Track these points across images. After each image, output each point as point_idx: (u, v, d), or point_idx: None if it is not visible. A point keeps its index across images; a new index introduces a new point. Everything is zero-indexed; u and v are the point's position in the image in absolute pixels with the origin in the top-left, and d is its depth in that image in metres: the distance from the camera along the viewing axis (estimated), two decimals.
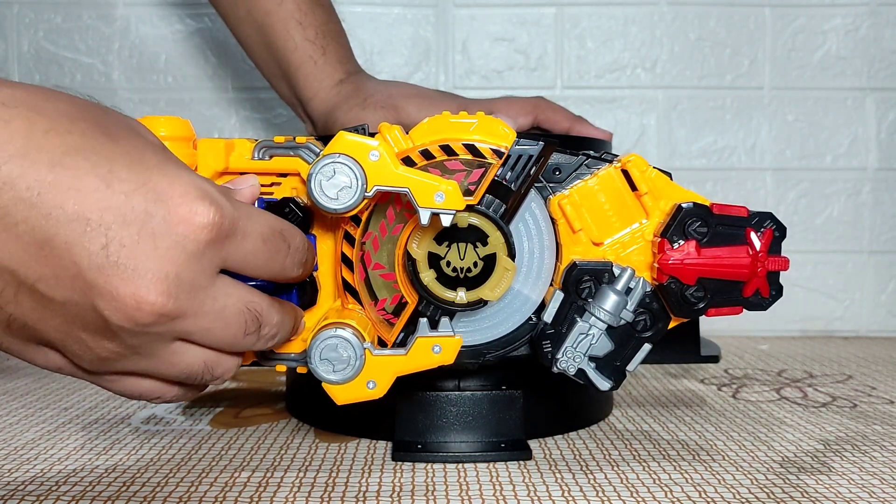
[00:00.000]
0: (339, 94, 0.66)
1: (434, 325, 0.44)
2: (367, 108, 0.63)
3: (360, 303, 0.45)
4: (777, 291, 0.46)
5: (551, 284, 0.47)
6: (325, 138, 0.45)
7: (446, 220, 0.40)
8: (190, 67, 0.90)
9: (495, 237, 0.43)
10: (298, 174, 0.44)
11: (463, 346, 0.44)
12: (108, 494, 0.42)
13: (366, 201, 0.41)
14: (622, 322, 0.45)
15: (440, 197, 0.40)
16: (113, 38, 0.89)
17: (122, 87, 0.89)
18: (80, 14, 0.89)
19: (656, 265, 0.45)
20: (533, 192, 0.46)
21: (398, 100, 0.63)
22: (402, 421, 0.49)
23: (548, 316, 0.45)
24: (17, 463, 0.47)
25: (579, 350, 0.45)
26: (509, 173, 0.44)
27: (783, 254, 0.46)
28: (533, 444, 0.51)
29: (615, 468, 0.46)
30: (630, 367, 0.46)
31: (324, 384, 0.42)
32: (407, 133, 0.44)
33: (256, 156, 0.44)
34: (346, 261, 0.45)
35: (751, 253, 0.45)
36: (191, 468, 0.46)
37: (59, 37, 0.89)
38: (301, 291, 0.44)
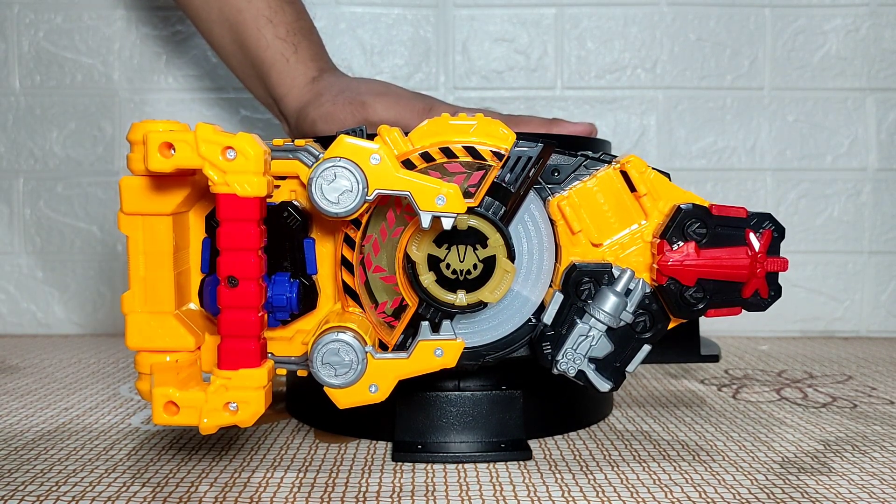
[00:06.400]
0: (312, 90, 0.66)
1: (436, 328, 0.44)
2: (337, 104, 0.63)
3: (361, 306, 0.45)
4: (776, 292, 0.46)
5: (551, 286, 0.47)
6: (323, 140, 0.45)
7: (447, 224, 0.41)
8: (190, 68, 0.90)
9: (495, 239, 0.43)
10: (297, 177, 0.45)
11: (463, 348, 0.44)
12: (108, 494, 0.42)
13: (366, 205, 0.41)
14: (622, 323, 0.45)
15: (441, 200, 0.40)
16: (113, 38, 0.89)
17: (123, 87, 0.89)
18: (80, 14, 0.89)
19: (655, 266, 0.45)
20: (532, 194, 0.46)
21: (366, 97, 0.63)
22: (402, 421, 0.50)
23: (547, 317, 0.46)
24: (18, 463, 0.47)
25: (579, 351, 0.45)
26: (508, 175, 0.44)
27: (783, 254, 0.46)
28: (533, 444, 0.51)
29: (615, 468, 0.47)
30: (630, 368, 0.46)
31: (325, 388, 0.43)
32: (406, 135, 0.44)
33: None
34: (346, 264, 0.45)
35: (750, 254, 0.45)
36: (191, 468, 0.46)
37: (59, 37, 0.89)
38: (301, 294, 0.44)
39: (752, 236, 0.45)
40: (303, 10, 0.71)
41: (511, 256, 0.44)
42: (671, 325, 0.46)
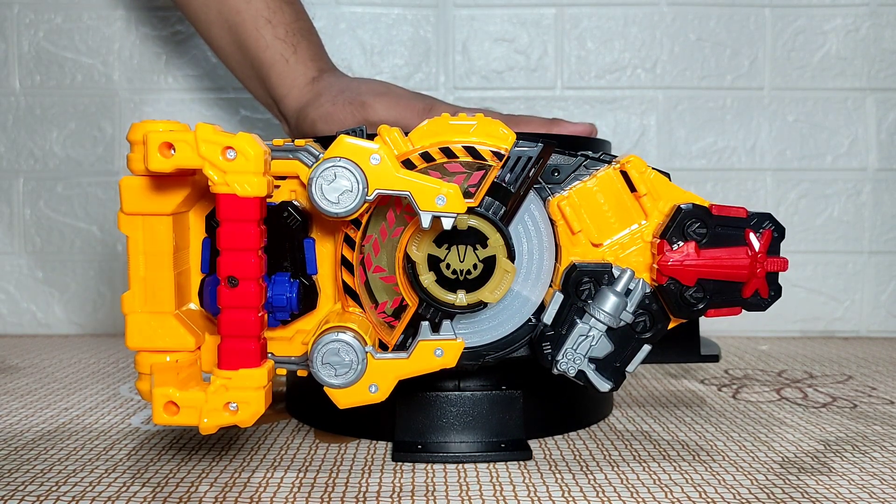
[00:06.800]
0: (312, 91, 0.66)
1: (436, 328, 0.44)
2: (337, 104, 0.63)
3: (361, 306, 0.45)
4: (776, 292, 0.46)
5: (551, 286, 0.47)
6: (323, 140, 0.45)
7: (447, 224, 0.41)
8: (190, 68, 0.90)
9: (495, 239, 0.43)
10: (297, 177, 0.45)
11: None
12: (108, 494, 0.42)
13: (366, 205, 0.41)
14: (622, 323, 0.45)
15: (441, 200, 0.40)
16: (113, 38, 0.89)
17: (123, 87, 0.89)
18: (80, 14, 0.89)
19: (656, 266, 0.45)
20: (532, 194, 0.46)
21: (367, 97, 0.63)
22: (402, 421, 0.50)
23: (547, 317, 0.46)
24: (18, 463, 0.47)
25: (579, 351, 0.45)
26: (508, 175, 0.44)
27: (783, 254, 0.46)
28: (533, 444, 0.51)
29: (615, 468, 0.47)
30: (630, 368, 0.46)
31: (325, 388, 0.43)
32: (406, 135, 0.44)
33: None
34: (346, 264, 0.45)
35: (750, 254, 0.45)
36: (191, 468, 0.46)
37: (59, 37, 0.89)
38: (301, 294, 0.44)
39: (752, 236, 0.45)
40: (301, 11, 0.71)
41: (511, 256, 0.44)
42: (671, 325, 0.46)
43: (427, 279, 0.44)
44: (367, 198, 0.40)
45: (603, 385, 0.46)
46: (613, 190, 0.46)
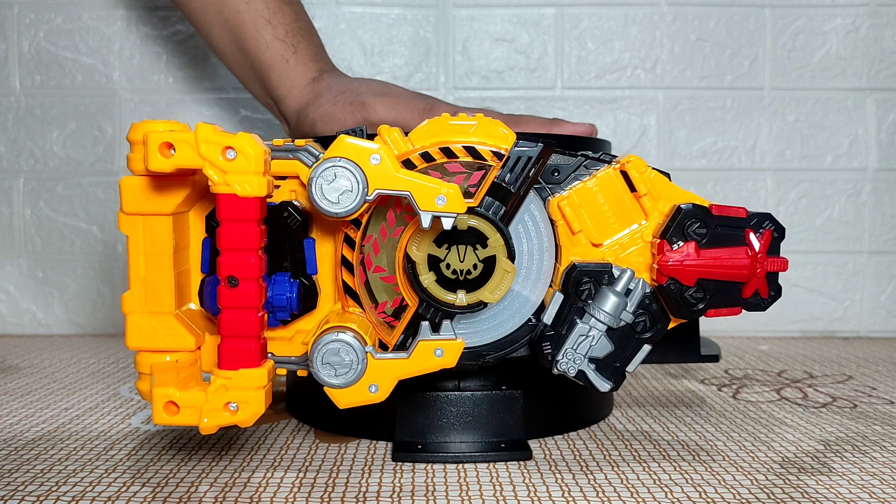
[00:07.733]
0: (312, 91, 0.66)
1: (436, 328, 0.44)
2: (337, 104, 0.63)
3: (361, 306, 0.45)
4: (776, 292, 0.46)
5: (551, 286, 0.47)
6: (323, 140, 0.45)
7: (447, 224, 0.41)
8: (190, 68, 0.90)
9: (495, 239, 0.43)
10: (297, 177, 0.45)
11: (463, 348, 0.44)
12: (108, 494, 0.42)
13: (366, 205, 0.41)
14: (622, 323, 0.45)
15: (441, 200, 0.40)
16: (113, 38, 0.89)
17: (123, 87, 0.89)
18: (80, 14, 0.89)
19: (655, 266, 0.45)
20: (532, 194, 0.46)
21: (367, 97, 0.63)
22: (403, 421, 0.50)
23: (547, 317, 0.46)
24: (18, 463, 0.47)
25: (579, 351, 0.45)
26: (508, 175, 0.44)
27: (783, 254, 0.46)
28: (533, 444, 0.51)
29: (615, 468, 0.47)
30: (630, 368, 0.46)
31: (325, 388, 0.43)
32: (406, 135, 0.44)
33: None
34: (346, 264, 0.45)
35: (750, 254, 0.45)
36: (191, 468, 0.46)
37: (59, 37, 0.89)
38: (301, 294, 0.45)
39: (752, 236, 0.45)
40: (301, 11, 0.71)
41: (511, 256, 0.44)
42: (671, 325, 0.46)
43: (427, 279, 0.44)
44: (367, 198, 0.41)
45: (603, 385, 0.46)
46: (613, 190, 0.46)
